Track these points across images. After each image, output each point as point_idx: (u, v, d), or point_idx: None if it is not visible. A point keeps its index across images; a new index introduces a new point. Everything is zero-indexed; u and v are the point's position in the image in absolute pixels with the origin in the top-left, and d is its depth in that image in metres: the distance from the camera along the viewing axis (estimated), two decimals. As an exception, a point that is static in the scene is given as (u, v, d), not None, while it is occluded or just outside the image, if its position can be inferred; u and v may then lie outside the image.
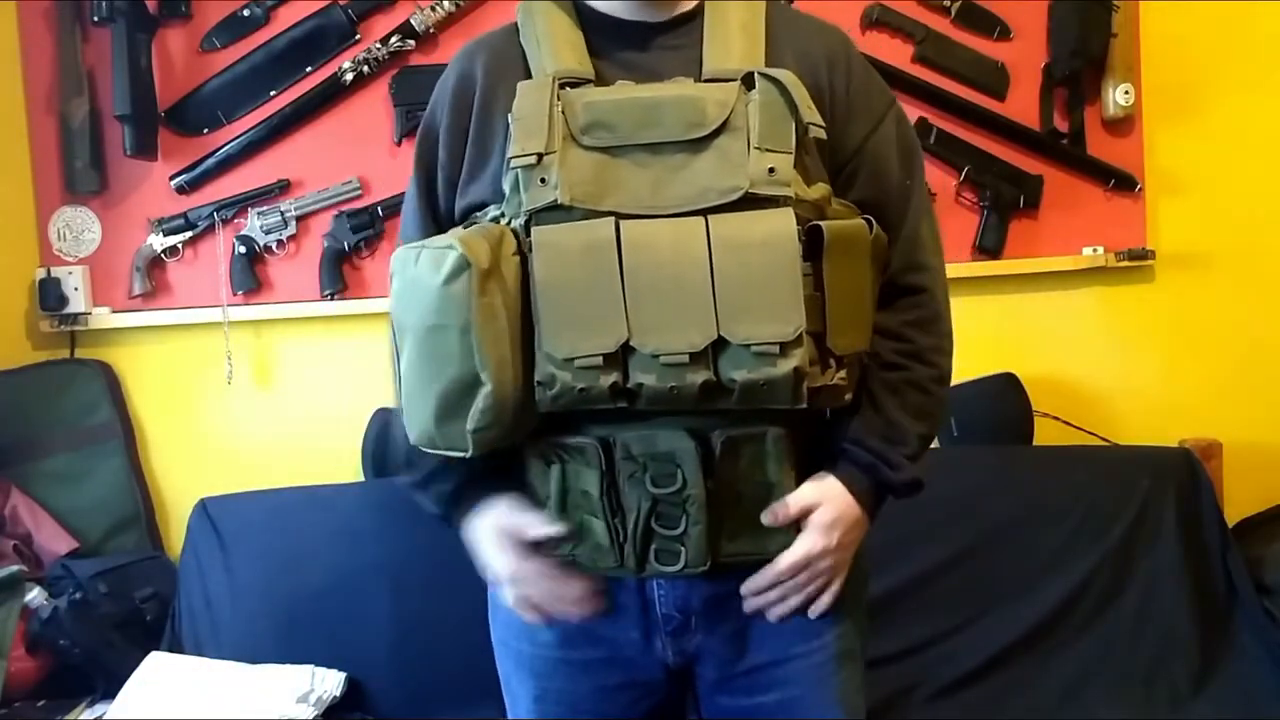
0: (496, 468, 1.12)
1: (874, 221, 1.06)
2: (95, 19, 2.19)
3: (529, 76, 1.08)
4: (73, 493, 2.24)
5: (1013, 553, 2.03)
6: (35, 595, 2.00)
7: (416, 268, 1.00)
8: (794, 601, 1.08)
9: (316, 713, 1.91)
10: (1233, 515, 2.14)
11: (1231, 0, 2.26)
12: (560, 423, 1.02)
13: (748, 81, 1.03)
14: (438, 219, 1.14)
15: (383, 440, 2.22)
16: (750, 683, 1.13)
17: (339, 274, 2.26)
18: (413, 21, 2.22)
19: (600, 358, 0.96)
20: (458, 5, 2.21)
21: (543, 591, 1.09)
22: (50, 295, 2.25)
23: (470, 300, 0.96)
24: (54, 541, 2.18)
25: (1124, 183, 2.25)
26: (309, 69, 2.26)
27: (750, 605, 1.09)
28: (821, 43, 1.12)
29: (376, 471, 2.20)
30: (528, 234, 0.99)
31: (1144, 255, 2.25)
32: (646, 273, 0.97)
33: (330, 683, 1.97)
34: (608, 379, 0.97)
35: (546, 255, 0.98)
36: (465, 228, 1.06)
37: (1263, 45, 2.28)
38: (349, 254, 2.26)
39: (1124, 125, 2.25)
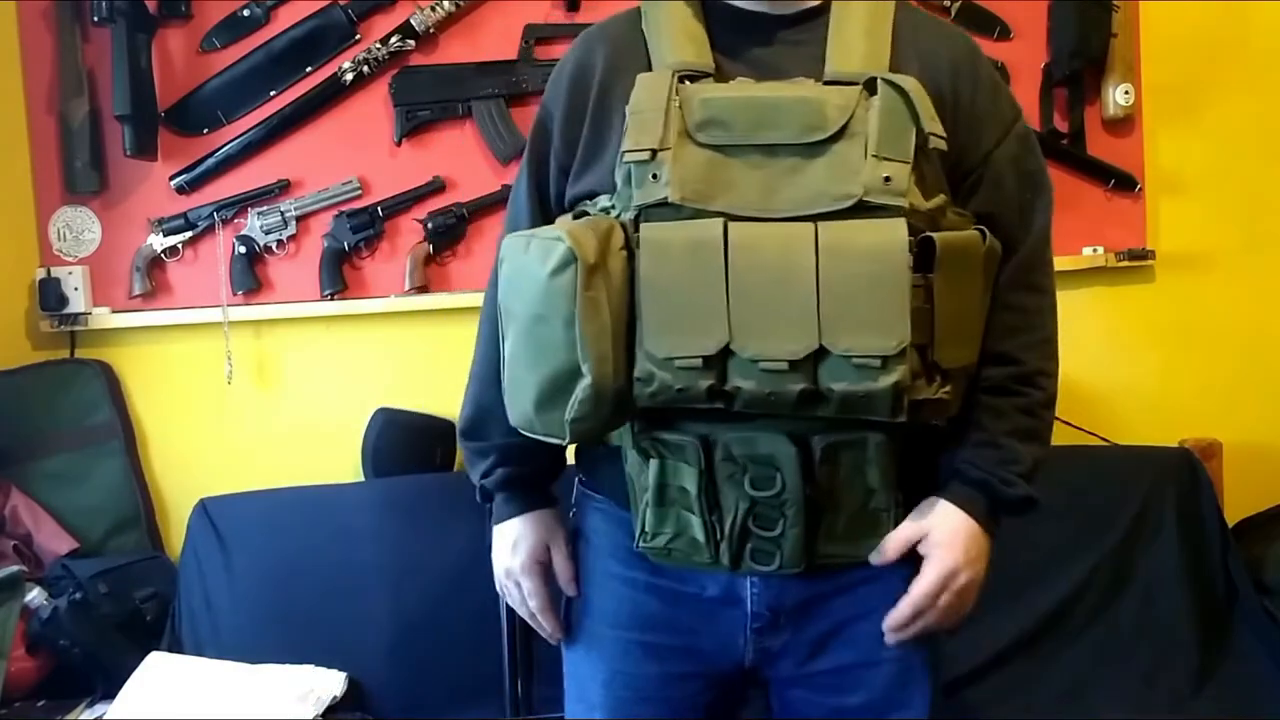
0: (553, 472, 1.24)
1: (987, 233, 1.05)
2: (95, 19, 2.18)
3: (649, 67, 1.07)
4: (73, 493, 2.24)
5: (1013, 553, 2.02)
6: (35, 595, 2.00)
7: (526, 256, 1.02)
8: (934, 624, 1.09)
9: (316, 713, 1.91)
10: (1233, 515, 2.14)
11: (1231, 0, 2.26)
12: (661, 418, 1.02)
13: (870, 86, 1.01)
14: (545, 206, 1.15)
15: (382, 440, 2.22)
16: (836, 682, 1.12)
17: (339, 274, 2.26)
18: (413, 21, 2.22)
19: (700, 359, 0.96)
20: (458, 5, 2.21)
21: (519, 602, 1.22)
22: (50, 295, 2.25)
23: (575, 294, 0.97)
24: (54, 541, 2.18)
25: (1124, 183, 2.25)
26: (309, 69, 2.26)
27: (893, 638, 1.09)
28: (948, 49, 1.10)
29: (376, 471, 2.20)
30: (636, 229, 1.00)
31: (1144, 255, 2.25)
32: (751, 276, 0.96)
33: (330, 683, 1.97)
34: (705, 381, 0.97)
35: (652, 253, 0.99)
36: (575, 217, 1.07)
37: (1263, 45, 2.27)
38: (349, 254, 2.26)
39: (1124, 125, 2.25)
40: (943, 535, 1.08)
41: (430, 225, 2.24)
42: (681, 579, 1.11)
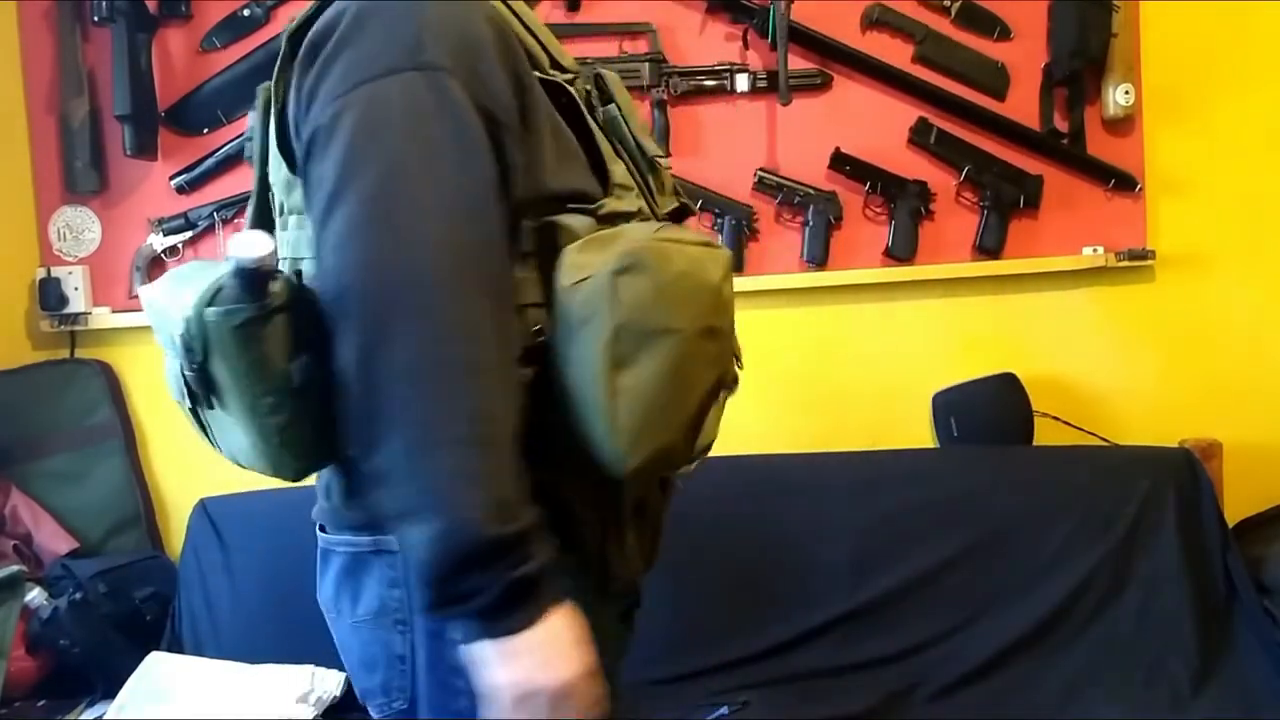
0: None
1: None
2: (95, 19, 2.19)
3: (532, 61, 0.95)
4: (73, 492, 2.24)
5: (1013, 553, 2.03)
6: (35, 595, 2.01)
7: (683, 264, 0.91)
8: None
9: (316, 713, 1.91)
10: (1233, 515, 2.14)
11: (1232, 0, 2.26)
12: None
13: None
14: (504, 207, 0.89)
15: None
16: None
17: (339, 274, 2.25)
18: (413, 21, 2.22)
19: None
20: (458, 5, 2.21)
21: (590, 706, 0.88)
22: (50, 295, 2.25)
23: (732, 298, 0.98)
24: (54, 541, 2.18)
25: (1124, 183, 2.25)
26: (309, 69, 2.26)
27: None
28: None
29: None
30: None
31: (1144, 255, 2.25)
32: None
33: (330, 683, 1.97)
34: None
35: None
36: (592, 223, 0.94)
37: (1263, 45, 2.27)
38: (349, 254, 2.26)
39: (1124, 125, 2.25)
40: None
41: (430, 225, 2.24)
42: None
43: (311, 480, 1.07)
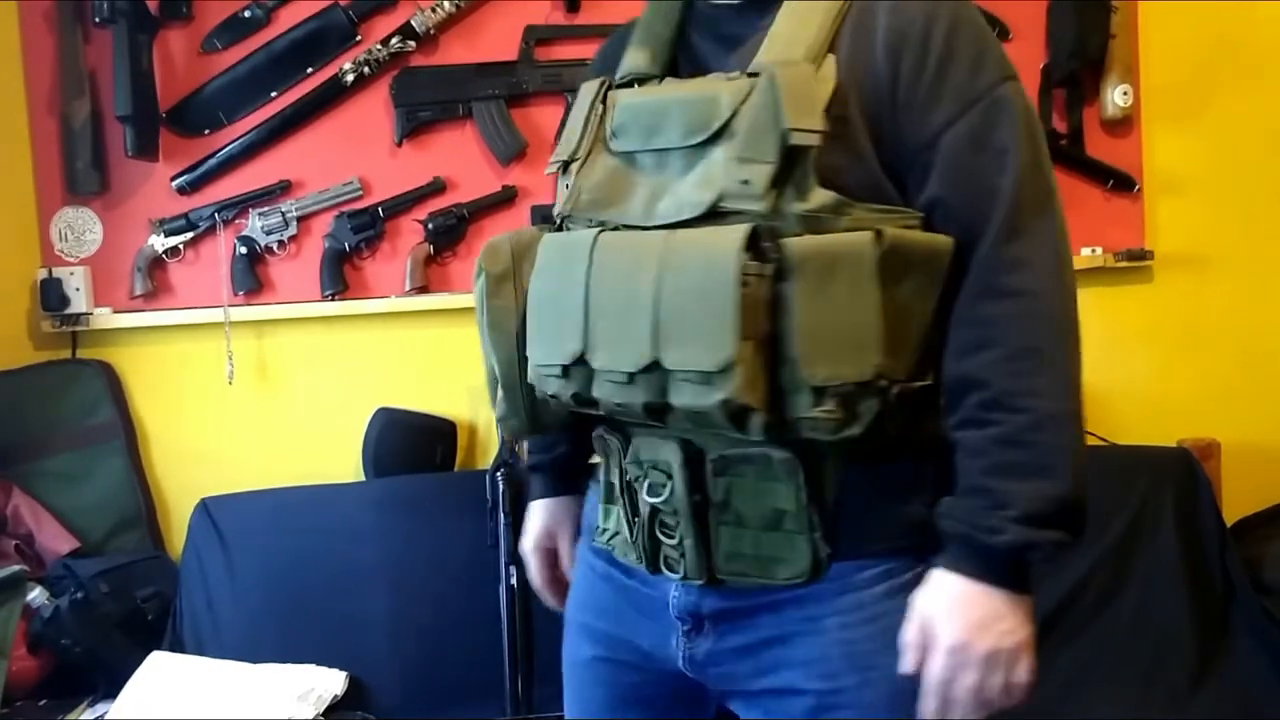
0: (575, 462, 1.23)
1: (884, 232, 0.90)
2: (96, 20, 2.19)
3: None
4: (74, 492, 2.25)
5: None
6: (37, 595, 2.01)
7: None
8: (979, 709, 0.93)
9: (317, 712, 1.92)
10: (1231, 515, 2.14)
11: (1231, 0, 2.26)
12: (602, 417, 1.04)
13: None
14: None
15: (383, 440, 2.22)
16: (764, 703, 1.03)
17: (340, 274, 2.26)
18: (413, 23, 2.22)
19: (559, 368, 0.98)
20: (458, 6, 2.22)
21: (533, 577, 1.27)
22: (52, 295, 2.26)
23: (483, 302, 1.06)
24: (55, 541, 2.19)
25: (1123, 183, 2.25)
26: (310, 70, 2.26)
27: None
28: (897, 22, 0.94)
29: (377, 471, 2.21)
30: None
31: (1143, 256, 2.25)
32: (606, 288, 0.95)
33: (331, 682, 1.97)
34: (568, 389, 0.99)
35: (539, 263, 1.03)
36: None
37: (1262, 45, 2.28)
38: (350, 254, 2.27)
39: (1123, 126, 2.25)
40: (938, 608, 0.92)
41: (431, 226, 2.25)
42: (629, 573, 1.08)
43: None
